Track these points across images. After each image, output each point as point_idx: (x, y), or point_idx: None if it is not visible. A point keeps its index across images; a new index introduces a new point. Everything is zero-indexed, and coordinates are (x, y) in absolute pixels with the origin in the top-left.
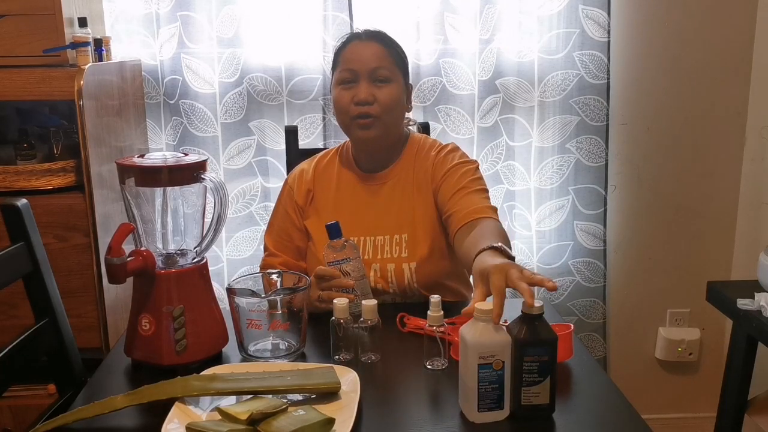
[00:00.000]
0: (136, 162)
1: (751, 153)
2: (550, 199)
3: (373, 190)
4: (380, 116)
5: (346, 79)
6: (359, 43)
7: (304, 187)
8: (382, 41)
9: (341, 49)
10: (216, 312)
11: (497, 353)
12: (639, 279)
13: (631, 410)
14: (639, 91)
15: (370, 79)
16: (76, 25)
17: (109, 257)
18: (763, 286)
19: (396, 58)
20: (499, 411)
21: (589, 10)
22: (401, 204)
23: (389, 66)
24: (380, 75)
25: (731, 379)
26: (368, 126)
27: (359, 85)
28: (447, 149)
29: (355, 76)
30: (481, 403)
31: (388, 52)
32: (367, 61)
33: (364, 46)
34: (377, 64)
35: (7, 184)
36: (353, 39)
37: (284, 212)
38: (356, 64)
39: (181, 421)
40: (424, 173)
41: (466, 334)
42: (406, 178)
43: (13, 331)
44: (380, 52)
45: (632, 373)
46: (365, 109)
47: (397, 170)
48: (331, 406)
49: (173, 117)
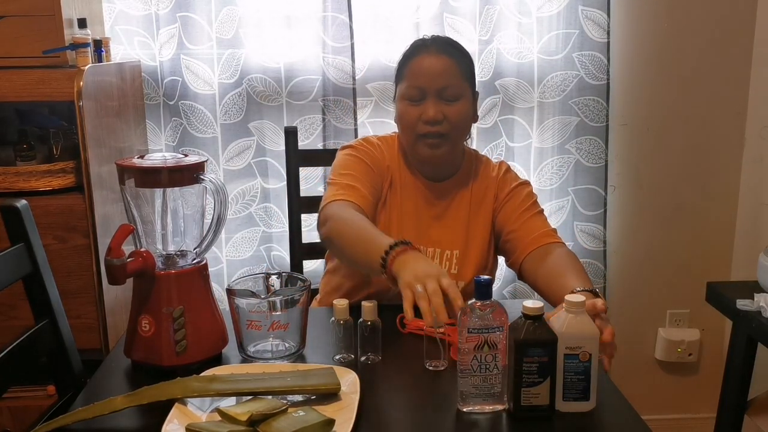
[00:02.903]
0: (136, 163)
1: (751, 153)
2: (549, 200)
3: (430, 199)
4: (449, 134)
5: (413, 96)
6: (427, 56)
7: (384, 161)
8: (450, 54)
9: (407, 59)
10: (216, 313)
11: (584, 345)
12: (639, 280)
13: (631, 411)
14: (639, 91)
15: (439, 96)
16: (75, 26)
17: (108, 258)
18: (763, 287)
19: (464, 69)
20: (585, 402)
21: (589, 10)
22: (456, 219)
23: (458, 82)
24: (449, 93)
25: (731, 380)
26: (437, 146)
27: (427, 103)
28: (504, 168)
29: (423, 93)
30: (566, 393)
31: (457, 65)
32: (435, 79)
33: (432, 61)
34: (446, 83)
35: (6, 185)
36: (421, 50)
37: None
38: (424, 80)
39: (181, 422)
40: (484, 192)
41: (556, 323)
42: (463, 193)
43: (12, 332)
44: (449, 68)
45: (632, 373)
46: (435, 129)
47: (456, 184)
48: (331, 406)
49: (173, 118)
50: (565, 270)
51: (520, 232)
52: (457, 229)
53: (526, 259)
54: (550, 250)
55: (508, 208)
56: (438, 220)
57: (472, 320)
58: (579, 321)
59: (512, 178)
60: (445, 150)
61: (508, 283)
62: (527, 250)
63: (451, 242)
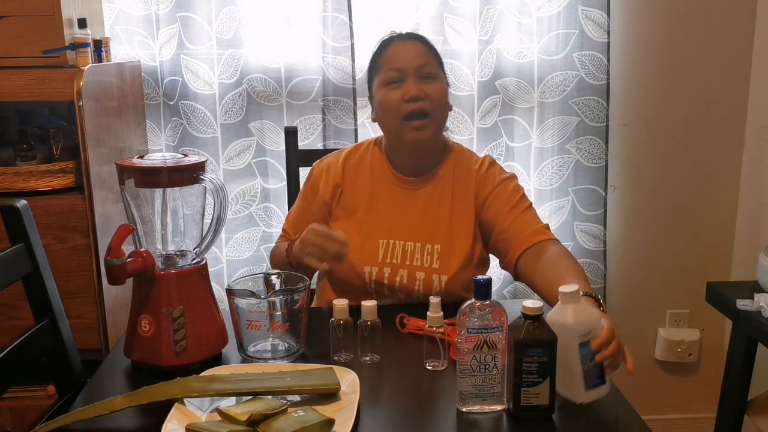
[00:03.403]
0: (136, 163)
1: (751, 153)
2: (549, 200)
3: (409, 194)
4: (432, 112)
5: (392, 78)
6: (400, 42)
7: (331, 183)
8: (422, 40)
9: (381, 51)
10: (215, 313)
11: (593, 330)
12: (639, 280)
13: (631, 411)
14: (639, 91)
15: (418, 75)
16: (75, 26)
17: (108, 258)
18: (763, 287)
19: (437, 57)
20: (604, 386)
21: (589, 10)
22: (438, 213)
23: (434, 63)
24: (427, 72)
25: (731, 380)
26: (422, 127)
27: (407, 82)
28: (487, 163)
29: (402, 74)
30: (588, 381)
31: (429, 50)
32: (412, 59)
33: (405, 45)
34: (423, 61)
35: (6, 185)
36: (392, 40)
37: (306, 203)
38: (402, 62)
39: (181, 422)
40: (466, 186)
41: (560, 317)
42: (444, 186)
43: (12, 332)
44: (423, 50)
45: (632, 373)
46: (418, 105)
47: (436, 177)
48: (331, 406)
49: (173, 118)
50: (564, 272)
51: (512, 231)
52: (439, 223)
53: (520, 258)
54: (544, 248)
55: (495, 205)
56: (419, 214)
57: (471, 320)
58: (582, 309)
59: (496, 172)
60: (429, 132)
61: (508, 283)
62: (520, 250)
63: (432, 237)
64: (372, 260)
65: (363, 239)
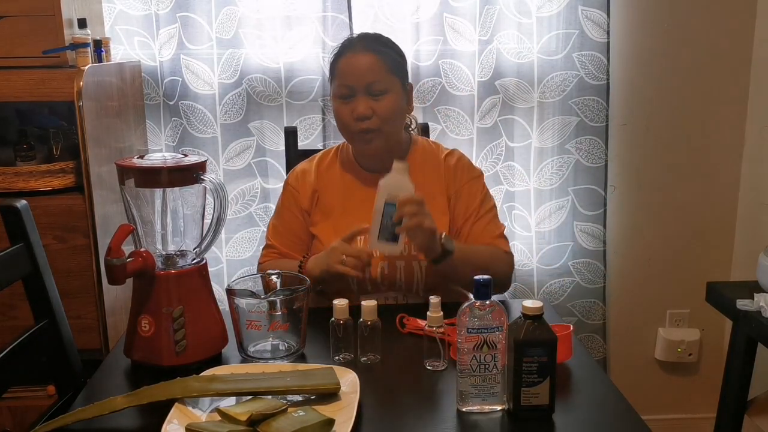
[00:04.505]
0: (136, 163)
1: (751, 153)
2: (549, 200)
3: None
4: (381, 128)
5: (343, 94)
6: (352, 55)
7: (309, 189)
8: (375, 50)
9: (336, 60)
10: (215, 313)
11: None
12: (639, 280)
13: (631, 411)
14: (638, 91)
15: (367, 92)
16: (75, 26)
17: (108, 258)
18: (763, 287)
19: (391, 64)
20: (394, 244)
21: (589, 10)
22: None
23: (384, 77)
24: (376, 89)
25: (731, 380)
26: (370, 140)
27: (357, 99)
28: (456, 156)
29: (352, 91)
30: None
31: (383, 60)
32: (361, 76)
33: (357, 59)
34: (372, 78)
35: (6, 185)
36: (346, 50)
37: (290, 213)
38: (351, 79)
39: (181, 422)
40: (436, 177)
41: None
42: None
43: (12, 332)
44: (374, 64)
45: (632, 373)
46: (365, 125)
47: None
48: (331, 406)
49: (173, 118)
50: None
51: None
52: None
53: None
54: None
55: (461, 205)
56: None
57: (471, 320)
58: (401, 180)
59: (466, 167)
60: (378, 144)
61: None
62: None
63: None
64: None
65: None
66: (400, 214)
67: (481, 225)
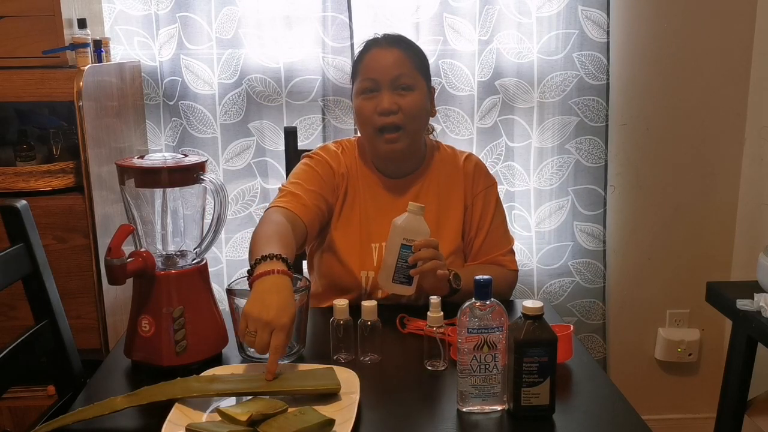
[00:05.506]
0: (136, 163)
1: (751, 153)
2: (549, 200)
3: (396, 196)
4: (405, 126)
5: (367, 88)
6: (379, 50)
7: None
8: (401, 46)
9: (361, 57)
10: (216, 313)
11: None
12: (638, 280)
13: (631, 411)
14: (638, 91)
15: (392, 87)
16: (75, 27)
17: (108, 258)
18: (763, 287)
19: (417, 63)
20: (408, 286)
21: (589, 10)
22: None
23: (411, 73)
24: (402, 83)
25: (731, 380)
26: (395, 140)
27: (381, 94)
28: (473, 162)
29: (377, 85)
30: (396, 276)
31: (408, 57)
32: (388, 70)
33: (383, 54)
34: (399, 72)
35: (6, 185)
36: (372, 46)
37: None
38: (377, 72)
39: (181, 422)
40: (455, 185)
41: (398, 220)
42: (429, 187)
43: (12, 332)
44: (401, 59)
45: (632, 373)
46: (390, 120)
47: (421, 179)
48: (331, 407)
49: (173, 118)
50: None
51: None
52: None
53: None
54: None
55: (475, 213)
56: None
57: (471, 320)
58: (417, 221)
59: (483, 174)
60: (403, 144)
61: None
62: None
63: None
64: (368, 265)
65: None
66: (416, 258)
67: (492, 240)
